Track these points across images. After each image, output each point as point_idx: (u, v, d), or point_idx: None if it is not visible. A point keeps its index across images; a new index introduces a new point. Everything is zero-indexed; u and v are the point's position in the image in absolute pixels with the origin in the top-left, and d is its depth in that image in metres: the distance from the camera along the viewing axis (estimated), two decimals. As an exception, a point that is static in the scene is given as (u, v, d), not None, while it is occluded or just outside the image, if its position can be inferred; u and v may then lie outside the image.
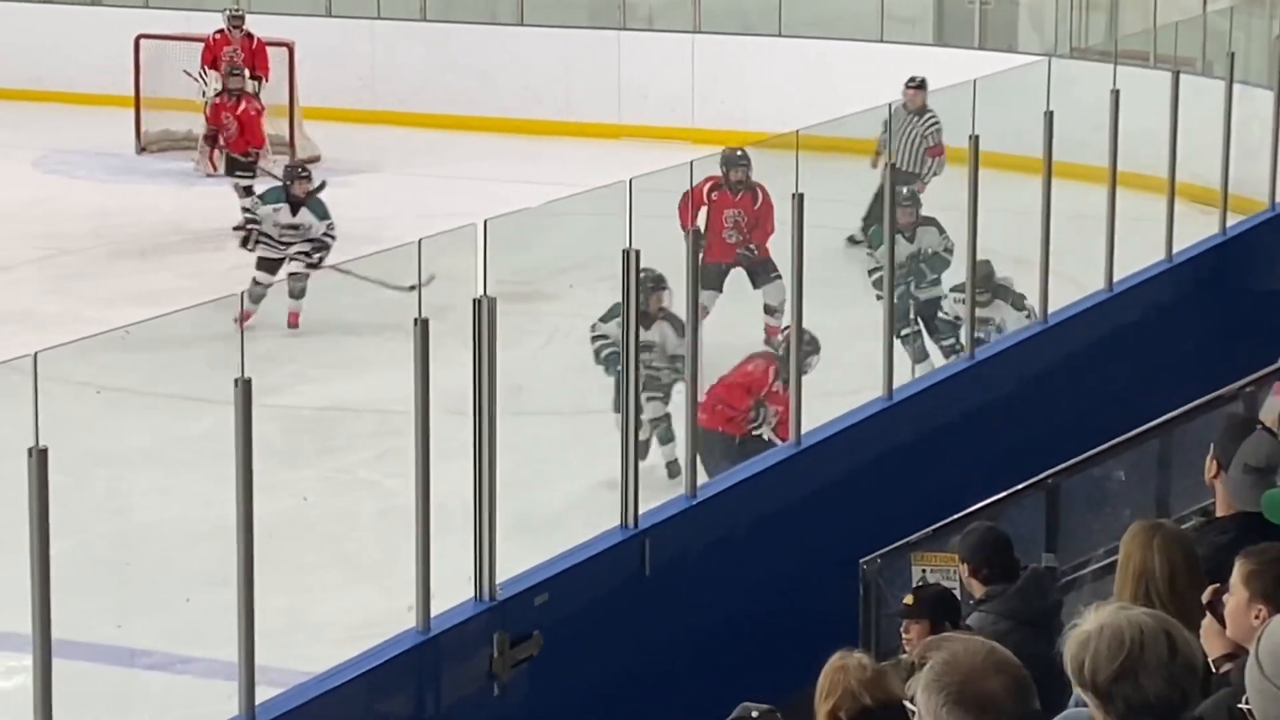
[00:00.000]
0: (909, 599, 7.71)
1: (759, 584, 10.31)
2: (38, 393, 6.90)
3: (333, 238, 16.15)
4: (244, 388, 7.63)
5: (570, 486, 12.32)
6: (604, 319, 12.44)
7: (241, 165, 20.00)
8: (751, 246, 15.08)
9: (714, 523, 10.09)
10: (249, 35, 22.03)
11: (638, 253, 9.49)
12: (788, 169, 10.73)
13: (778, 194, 10.72)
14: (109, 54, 23.32)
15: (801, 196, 10.64)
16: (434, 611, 8.48)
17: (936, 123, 17.02)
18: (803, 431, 10.83)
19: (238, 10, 22.35)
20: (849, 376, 12.30)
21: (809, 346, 11.56)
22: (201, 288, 16.33)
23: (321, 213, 16.33)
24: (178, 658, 10.17)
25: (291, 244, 16.23)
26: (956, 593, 7.82)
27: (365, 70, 24.20)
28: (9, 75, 23.63)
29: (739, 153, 15.44)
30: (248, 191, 18.47)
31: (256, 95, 21.59)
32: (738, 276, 14.88)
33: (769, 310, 14.77)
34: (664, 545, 9.61)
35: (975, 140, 12.23)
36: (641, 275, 11.83)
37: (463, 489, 8.74)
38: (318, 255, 16.06)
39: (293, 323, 15.39)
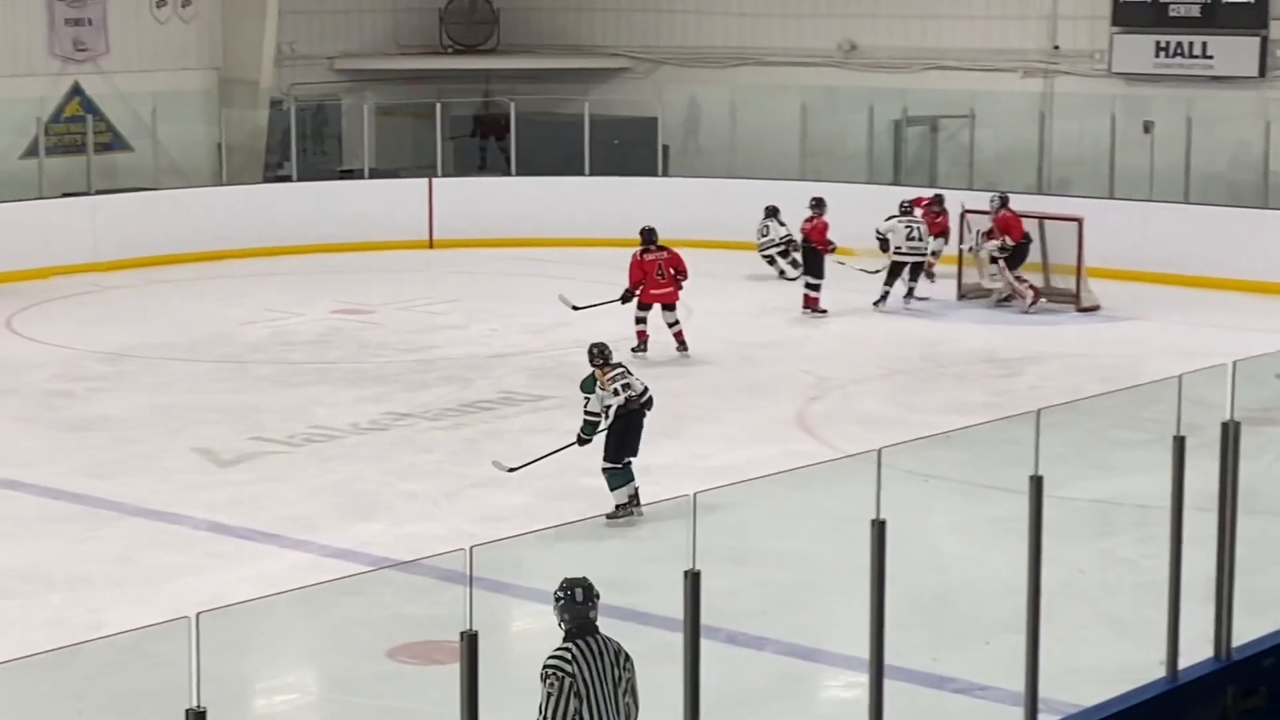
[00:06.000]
0: None
1: None
2: (880, 479, 6.99)
3: None
4: (1035, 484, 7.56)
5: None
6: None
7: None
8: None
9: None
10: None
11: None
12: None
13: None
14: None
15: None
16: (1180, 665, 8.21)
17: None
18: None
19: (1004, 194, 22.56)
20: None
21: None
22: (1005, 403, 16.33)
23: None
24: (978, 685, 10.10)
25: None
26: None
27: (1138, 239, 23.79)
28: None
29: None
30: None
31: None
32: None
33: None
34: (1372, 627, 9.04)
35: None
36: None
37: (1203, 568, 8.45)
38: None
39: None
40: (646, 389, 13.51)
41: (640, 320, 19.16)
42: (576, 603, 7.31)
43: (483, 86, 30.40)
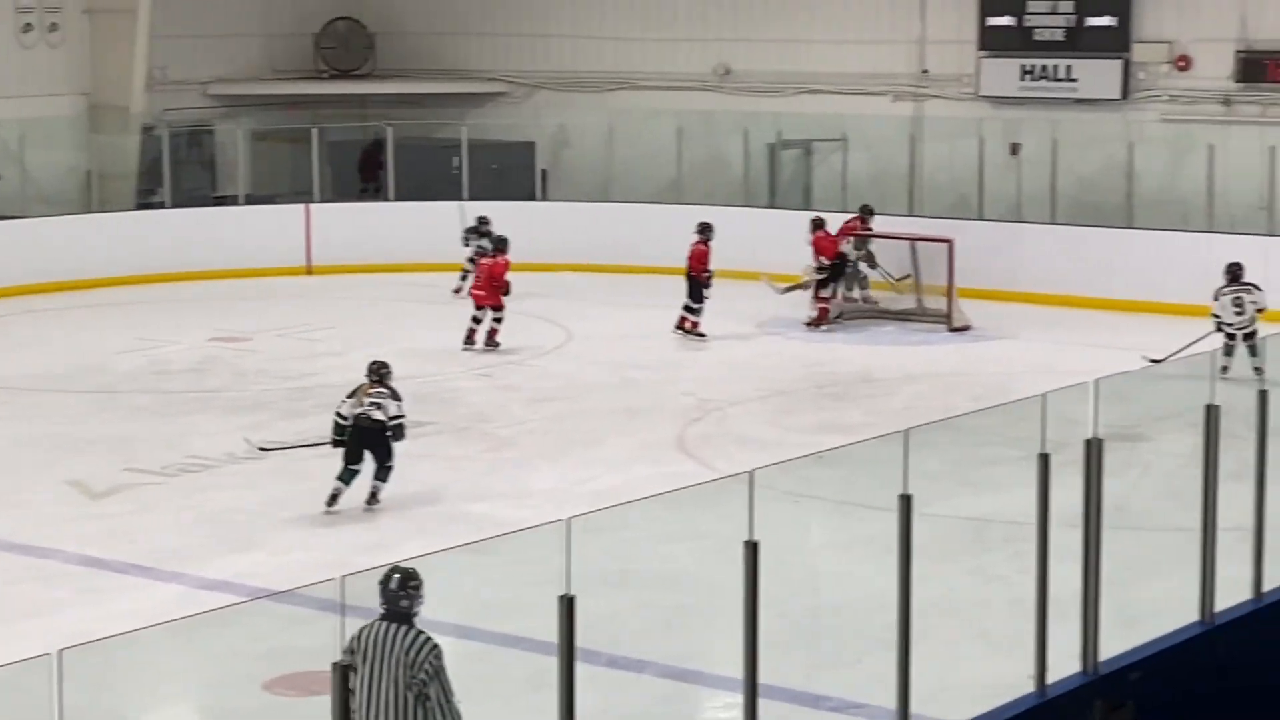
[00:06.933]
0: None
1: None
2: (753, 499, 7.03)
3: None
4: (904, 502, 7.63)
5: (1156, 586, 11.90)
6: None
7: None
8: None
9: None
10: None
11: (1218, 407, 9.15)
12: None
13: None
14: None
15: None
16: (1049, 680, 8.31)
17: None
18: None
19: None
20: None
21: None
22: (879, 422, 16.45)
23: None
24: (852, 703, 10.15)
25: None
26: None
27: (1007, 259, 24.08)
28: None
29: None
30: None
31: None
32: None
33: None
34: (1235, 638, 9.19)
35: None
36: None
37: (1073, 584, 8.56)
38: None
39: None
40: (400, 419, 14.35)
41: (474, 319, 21.10)
42: (389, 589, 7.70)
43: (359, 111, 30.26)
